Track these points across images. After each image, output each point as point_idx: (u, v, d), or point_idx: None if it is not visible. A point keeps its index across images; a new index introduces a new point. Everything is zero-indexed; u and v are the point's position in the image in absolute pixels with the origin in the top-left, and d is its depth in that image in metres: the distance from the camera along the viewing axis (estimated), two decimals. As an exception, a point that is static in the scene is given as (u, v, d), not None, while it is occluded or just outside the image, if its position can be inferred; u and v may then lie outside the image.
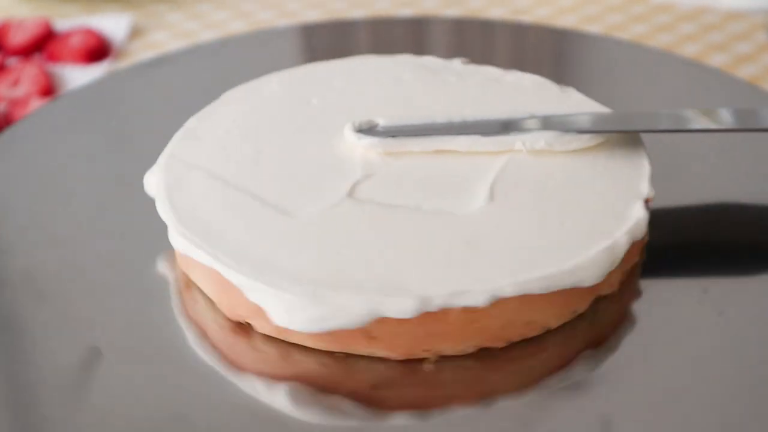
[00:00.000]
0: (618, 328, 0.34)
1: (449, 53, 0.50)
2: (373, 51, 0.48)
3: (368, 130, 0.38)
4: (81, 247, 0.39)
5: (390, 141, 0.38)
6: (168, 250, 0.37)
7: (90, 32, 0.58)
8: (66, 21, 0.61)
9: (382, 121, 0.39)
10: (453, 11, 0.63)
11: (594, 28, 0.61)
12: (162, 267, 0.37)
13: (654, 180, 0.37)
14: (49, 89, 0.54)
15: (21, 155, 0.44)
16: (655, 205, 0.37)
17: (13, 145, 0.44)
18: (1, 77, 0.55)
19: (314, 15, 0.63)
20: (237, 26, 0.62)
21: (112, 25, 0.61)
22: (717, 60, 0.57)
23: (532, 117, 0.39)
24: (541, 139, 0.37)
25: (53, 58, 0.57)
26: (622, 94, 0.47)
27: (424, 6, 0.64)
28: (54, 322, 0.35)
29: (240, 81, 0.44)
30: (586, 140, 0.38)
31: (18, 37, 0.58)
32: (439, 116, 0.39)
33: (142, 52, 0.59)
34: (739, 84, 0.47)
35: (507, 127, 0.38)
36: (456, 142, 0.38)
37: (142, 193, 0.38)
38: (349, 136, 0.38)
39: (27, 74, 0.55)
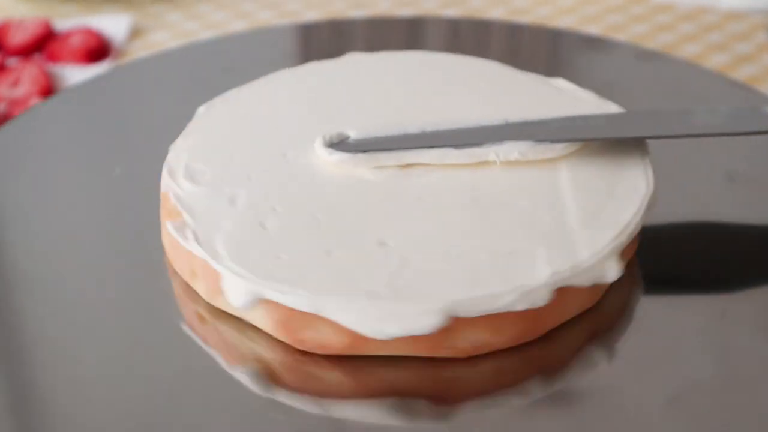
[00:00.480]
0: (611, 335, 0.34)
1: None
2: (372, 51, 0.48)
3: (339, 144, 0.38)
4: (81, 245, 0.39)
5: (361, 156, 0.37)
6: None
7: (90, 32, 0.58)
8: (66, 21, 0.61)
9: (353, 134, 0.38)
10: (453, 11, 0.63)
11: (594, 28, 0.61)
12: (164, 264, 0.37)
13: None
14: (49, 89, 0.54)
15: (18, 152, 0.44)
16: (650, 212, 0.37)
17: (10, 141, 0.45)
18: (1, 77, 0.55)
19: (314, 15, 0.63)
20: (237, 26, 0.62)
21: (112, 25, 0.61)
22: (717, 60, 0.57)
23: (506, 125, 0.38)
24: (515, 150, 0.37)
25: (53, 58, 0.58)
26: (619, 96, 0.47)
27: (424, 6, 0.64)
28: (54, 322, 0.35)
29: (238, 80, 0.44)
30: (560, 149, 0.37)
31: (18, 37, 0.58)
32: (412, 126, 0.39)
33: (142, 53, 0.59)
34: (736, 86, 0.47)
35: (479, 137, 0.38)
36: (427, 156, 0.37)
37: (141, 190, 0.38)
38: (320, 152, 0.38)
39: (27, 74, 0.55)
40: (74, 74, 0.56)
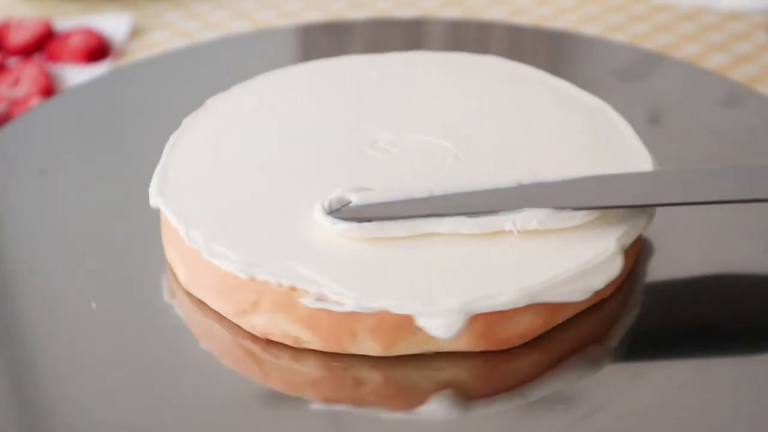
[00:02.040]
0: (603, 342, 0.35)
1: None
2: (372, 52, 0.48)
3: (339, 210, 0.35)
4: (80, 246, 0.39)
5: (367, 226, 0.34)
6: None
7: (90, 32, 0.58)
8: (66, 21, 0.61)
9: (354, 199, 0.35)
10: (452, 11, 0.63)
11: (594, 28, 0.61)
12: (163, 264, 0.37)
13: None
14: (49, 89, 0.54)
15: (18, 152, 0.44)
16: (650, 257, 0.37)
17: (10, 142, 0.45)
18: (1, 77, 0.55)
19: (314, 15, 0.63)
20: (236, 26, 0.62)
21: (112, 25, 0.61)
22: (717, 60, 0.57)
23: (523, 187, 0.35)
24: (534, 218, 0.34)
25: (53, 58, 0.58)
26: (619, 96, 0.47)
27: (424, 6, 0.64)
28: (54, 323, 0.35)
29: (238, 80, 0.44)
30: (581, 217, 0.34)
31: (18, 37, 0.58)
32: (418, 188, 0.35)
33: (142, 52, 0.59)
34: (735, 86, 0.47)
35: (495, 203, 0.35)
36: (440, 225, 0.34)
37: (142, 190, 0.38)
38: (321, 220, 0.34)
39: (27, 74, 0.55)
40: (74, 74, 0.56)
